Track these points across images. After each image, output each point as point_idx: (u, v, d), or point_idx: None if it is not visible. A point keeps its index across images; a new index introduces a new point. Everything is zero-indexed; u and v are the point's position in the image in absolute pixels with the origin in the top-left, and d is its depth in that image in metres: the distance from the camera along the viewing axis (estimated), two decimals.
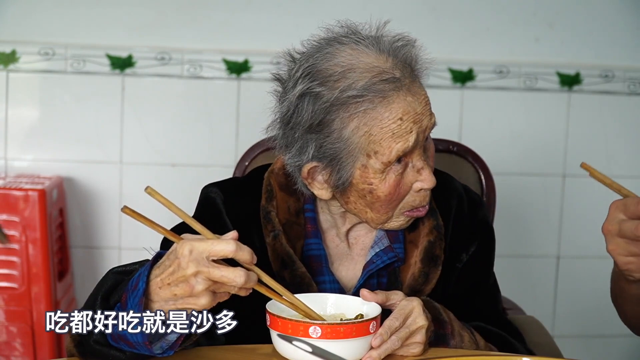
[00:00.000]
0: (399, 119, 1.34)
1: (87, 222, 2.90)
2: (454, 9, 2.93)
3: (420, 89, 1.39)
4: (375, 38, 1.40)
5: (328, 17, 3.00)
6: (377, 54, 1.36)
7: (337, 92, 1.33)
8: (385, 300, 1.33)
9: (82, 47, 2.82)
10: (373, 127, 1.34)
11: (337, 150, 1.35)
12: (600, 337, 3.08)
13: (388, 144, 1.34)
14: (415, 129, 1.35)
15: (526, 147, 3.00)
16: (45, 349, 2.58)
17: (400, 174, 1.37)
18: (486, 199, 2.00)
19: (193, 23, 2.86)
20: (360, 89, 1.32)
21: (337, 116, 1.33)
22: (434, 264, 1.47)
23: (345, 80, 1.33)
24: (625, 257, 1.26)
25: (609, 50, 3.00)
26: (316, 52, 1.38)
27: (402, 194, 1.40)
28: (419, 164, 1.38)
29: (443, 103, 2.96)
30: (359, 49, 1.37)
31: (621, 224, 1.24)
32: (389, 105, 1.33)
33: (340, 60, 1.35)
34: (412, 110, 1.35)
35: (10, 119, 2.83)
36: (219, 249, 1.14)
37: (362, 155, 1.35)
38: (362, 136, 1.34)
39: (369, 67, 1.34)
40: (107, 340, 1.19)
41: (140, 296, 1.15)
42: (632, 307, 1.42)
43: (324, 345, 1.21)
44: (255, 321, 1.35)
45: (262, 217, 1.46)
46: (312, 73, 1.36)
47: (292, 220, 1.46)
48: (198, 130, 2.88)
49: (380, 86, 1.33)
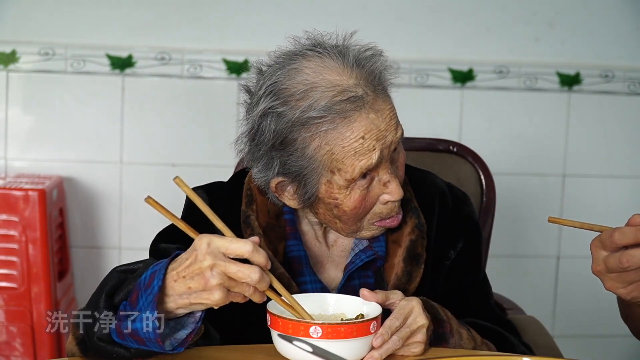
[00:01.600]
0: (360, 137, 1.33)
1: (87, 222, 2.90)
2: (454, 9, 2.93)
3: (385, 103, 1.37)
4: (340, 50, 1.38)
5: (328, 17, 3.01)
6: (341, 68, 1.35)
7: (299, 112, 1.32)
8: (385, 299, 1.33)
9: (82, 47, 2.82)
10: (335, 146, 1.34)
11: (301, 167, 1.36)
12: (600, 337, 3.08)
13: (351, 162, 1.34)
14: (378, 146, 1.34)
15: (526, 147, 3.00)
16: (45, 349, 2.58)
17: (365, 189, 1.38)
18: (486, 199, 2.00)
19: (193, 23, 2.86)
20: (321, 110, 1.31)
21: (299, 135, 1.34)
22: (416, 262, 1.48)
23: (307, 99, 1.32)
24: (625, 289, 1.25)
25: (609, 50, 3.00)
26: (279, 69, 1.37)
27: (369, 207, 1.41)
28: (385, 177, 1.38)
29: (443, 103, 2.96)
30: (322, 65, 1.35)
31: (605, 261, 1.24)
32: (351, 125, 1.32)
33: (304, 78, 1.34)
34: (374, 127, 1.34)
35: (11, 119, 2.83)
36: (235, 246, 1.15)
37: (326, 171, 1.36)
38: (325, 155, 1.35)
39: (331, 85, 1.33)
40: (111, 337, 1.19)
41: (155, 293, 1.16)
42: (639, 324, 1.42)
43: (324, 345, 1.21)
44: (255, 321, 1.35)
45: (242, 221, 1.47)
46: (274, 91, 1.35)
47: (272, 223, 1.47)
48: (198, 130, 2.88)
49: (341, 106, 1.32)
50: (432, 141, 2.03)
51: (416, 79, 2.93)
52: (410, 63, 2.91)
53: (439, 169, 1.96)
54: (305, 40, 1.42)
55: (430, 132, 2.22)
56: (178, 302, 1.18)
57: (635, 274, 1.22)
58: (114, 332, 1.19)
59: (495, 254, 1.65)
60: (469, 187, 2.00)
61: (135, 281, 1.21)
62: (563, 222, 1.29)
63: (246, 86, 1.43)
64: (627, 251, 1.20)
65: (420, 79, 2.93)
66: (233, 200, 1.50)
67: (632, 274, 1.22)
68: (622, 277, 1.23)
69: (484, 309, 1.55)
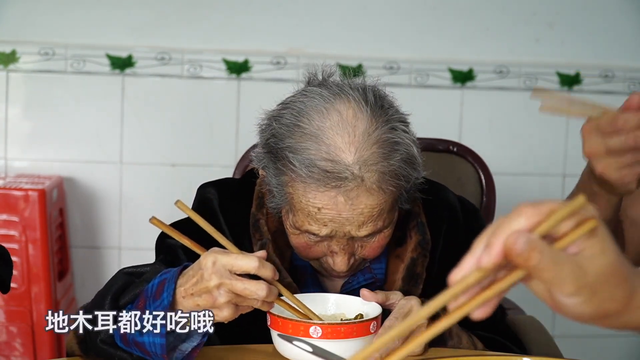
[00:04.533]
0: (317, 208, 1.29)
1: (87, 222, 2.90)
2: (454, 9, 2.93)
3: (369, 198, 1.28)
4: (376, 111, 1.30)
5: (328, 17, 3.00)
6: (356, 136, 1.27)
7: (287, 145, 1.30)
8: (385, 300, 1.33)
9: (82, 47, 2.82)
10: (296, 195, 1.31)
11: (274, 184, 1.35)
12: (600, 337, 3.08)
13: (303, 218, 1.32)
14: (331, 226, 1.30)
15: (526, 147, 3.00)
16: (45, 349, 2.58)
17: (313, 242, 1.36)
18: (486, 199, 2.00)
19: (193, 23, 2.86)
20: (302, 161, 1.27)
21: (279, 161, 1.32)
22: (414, 282, 1.45)
23: (302, 141, 1.28)
24: (619, 172, 1.24)
25: (609, 50, 3.00)
26: (319, 95, 1.32)
27: (313, 256, 1.39)
28: (335, 248, 1.35)
29: (443, 103, 2.96)
30: (346, 120, 1.28)
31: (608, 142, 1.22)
32: (316, 192, 1.28)
33: (320, 122, 1.28)
34: (335, 210, 1.28)
35: (10, 119, 2.83)
36: (242, 263, 1.14)
37: (286, 204, 1.35)
38: (288, 193, 1.33)
39: (330, 149, 1.27)
40: (114, 340, 1.19)
41: (166, 307, 1.15)
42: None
43: (324, 345, 1.21)
44: (255, 321, 1.35)
45: (251, 224, 1.45)
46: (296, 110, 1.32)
47: (281, 229, 1.45)
48: (198, 130, 2.88)
49: (320, 173, 1.26)
50: (432, 141, 2.03)
51: (416, 79, 2.93)
52: (410, 63, 2.91)
53: (439, 169, 1.96)
54: (357, 80, 1.35)
55: (430, 132, 2.22)
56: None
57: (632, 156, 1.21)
58: (118, 337, 1.18)
59: None
60: (469, 187, 2.00)
61: (143, 286, 1.20)
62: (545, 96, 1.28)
63: (307, 78, 1.39)
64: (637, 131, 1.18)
65: (420, 79, 2.93)
66: (243, 201, 1.48)
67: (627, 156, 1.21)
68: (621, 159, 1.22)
69: (490, 324, 1.53)
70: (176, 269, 1.19)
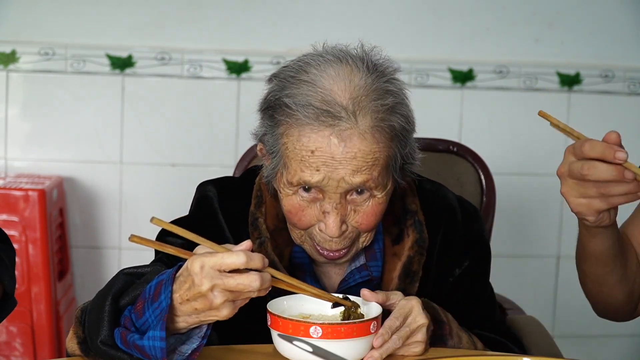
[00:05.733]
0: (310, 150, 1.30)
1: (87, 222, 2.90)
2: (454, 9, 2.93)
3: (362, 142, 1.30)
4: (370, 67, 1.35)
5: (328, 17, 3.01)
6: (349, 82, 1.31)
7: (283, 93, 1.33)
8: (385, 300, 1.33)
9: (82, 47, 2.82)
10: (290, 143, 1.32)
11: (272, 144, 1.36)
12: (600, 337, 3.08)
13: (295, 167, 1.32)
14: (324, 171, 1.30)
15: (526, 147, 3.00)
16: (45, 349, 2.58)
17: (305, 202, 1.35)
18: (486, 199, 2.00)
19: (193, 23, 2.86)
20: (297, 104, 1.30)
21: (276, 113, 1.34)
22: (410, 280, 1.45)
23: (295, 87, 1.32)
24: (576, 199, 1.27)
25: (609, 50, 3.00)
26: (318, 55, 1.37)
27: (305, 223, 1.37)
28: (327, 207, 1.34)
29: (443, 103, 2.96)
30: (339, 69, 1.33)
31: (570, 165, 1.26)
32: (309, 134, 1.29)
33: (317, 71, 1.33)
34: (327, 151, 1.29)
35: (10, 119, 2.83)
36: (229, 261, 1.13)
37: (281, 161, 1.35)
38: (283, 145, 1.34)
39: (324, 90, 1.30)
40: (114, 341, 1.19)
41: (165, 312, 1.15)
42: (590, 267, 1.42)
43: (324, 345, 1.21)
44: (255, 321, 1.35)
45: (249, 223, 1.46)
46: (292, 66, 1.36)
47: (280, 227, 1.45)
48: (198, 130, 2.88)
49: (315, 112, 1.29)
50: (432, 141, 2.03)
51: (416, 79, 2.93)
52: (410, 63, 2.91)
53: (439, 169, 1.97)
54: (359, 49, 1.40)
55: (430, 132, 2.22)
56: (189, 321, 1.18)
57: (591, 189, 1.24)
58: (119, 338, 1.18)
59: (495, 254, 1.65)
60: (469, 187, 2.00)
61: (143, 287, 1.20)
62: (552, 118, 1.34)
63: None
64: (591, 161, 1.22)
65: (420, 79, 2.93)
66: (242, 199, 1.48)
67: (589, 186, 1.24)
68: (579, 187, 1.25)
69: (489, 325, 1.52)
70: (172, 269, 1.19)
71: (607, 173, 1.21)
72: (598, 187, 1.23)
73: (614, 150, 1.21)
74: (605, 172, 1.21)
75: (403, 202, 1.49)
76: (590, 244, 1.38)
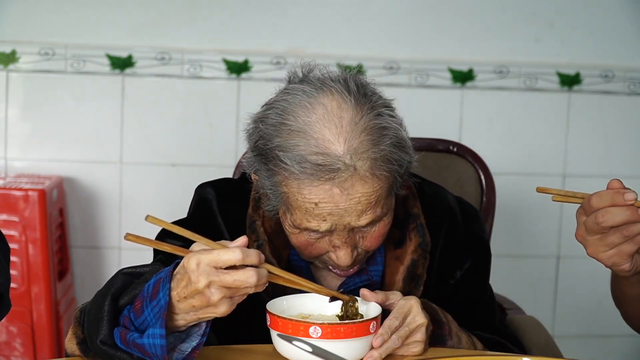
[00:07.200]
0: (314, 203, 1.29)
1: (87, 222, 2.90)
2: (454, 9, 2.93)
3: (364, 186, 1.28)
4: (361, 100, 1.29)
5: (328, 17, 3.01)
6: (344, 126, 1.26)
7: (276, 144, 1.29)
8: (384, 300, 1.33)
9: (82, 47, 2.82)
10: (291, 194, 1.31)
11: (268, 185, 1.34)
12: (600, 337, 3.08)
13: (301, 216, 1.32)
14: (330, 220, 1.30)
15: (526, 147, 3.00)
16: (45, 349, 2.58)
17: (314, 239, 1.35)
18: (486, 199, 2.00)
19: (193, 23, 2.86)
20: (293, 158, 1.27)
21: (270, 162, 1.31)
22: (414, 284, 1.45)
23: (290, 138, 1.28)
24: (605, 253, 1.26)
25: (609, 50, 3.00)
26: (302, 92, 1.31)
27: (315, 254, 1.38)
28: (337, 242, 1.34)
29: (443, 103, 2.96)
30: (332, 113, 1.27)
31: (585, 224, 1.25)
32: (311, 187, 1.28)
33: (306, 117, 1.28)
34: (332, 202, 1.28)
35: (10, 119, 2.83)
36: (225, 258, 1.13)
37: (282, 205, 1.35)
38: (283, 193, 1.32)
39: (320, 142, 1.27)
40: (114, 341, 1.19)
41: (163, 310, 1.15)
42: (634, 307, 1.42)
43: (324, 345, 1.21)
44: (255, 321, 1.35)
45: (247, 225, 1.46)
46: (280, 109, 1.31)
47: (278, 230, 1.45)
48: (198, 130, 2.88)
49: (312, 167, 1.26)
50: (432, 141, 2.03)
51: (416, 79, 2.93)
52: (410, 63, 2.91)
53: (439, 169, 1.97)
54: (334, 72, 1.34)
55: (430, 132, 2.22)
56: (187, 319, 1.18)
57: (614, 237, 1.24)
58: (119, 337, 1.18)
59: (495, 254, 1.64)
60: (469, 187, 2.00)
61: (142, 287, 1.20)
62: (551, 191, 1.30)
63: (288, 76, 1.39)
64: (603, 209, 1.22)
65: (420, 79, 2.93)
66: (240, 201, 1.48)
67: (611, 235, 1.23)
68: (603, 240, 1.25)
69: (489, 327, 1.52)
70: (169, 267, 1.19)
71: (621, 215, 1.22)
72: (620, 232, 1.23)
73: (622, 193, 1.22)
74: (620, 214, 1.22)
75: (405, 206, 1.49)
76: (632, 292, 1.38)
